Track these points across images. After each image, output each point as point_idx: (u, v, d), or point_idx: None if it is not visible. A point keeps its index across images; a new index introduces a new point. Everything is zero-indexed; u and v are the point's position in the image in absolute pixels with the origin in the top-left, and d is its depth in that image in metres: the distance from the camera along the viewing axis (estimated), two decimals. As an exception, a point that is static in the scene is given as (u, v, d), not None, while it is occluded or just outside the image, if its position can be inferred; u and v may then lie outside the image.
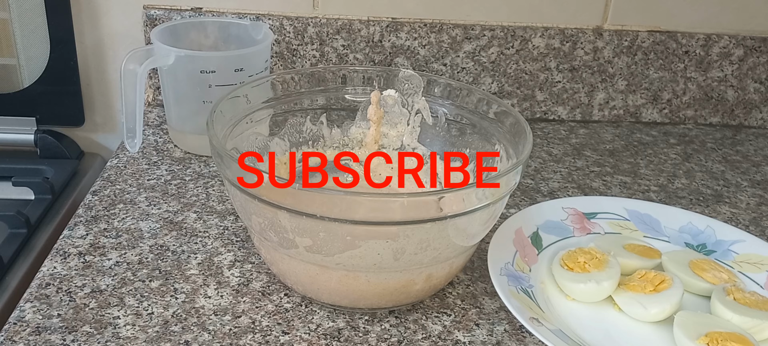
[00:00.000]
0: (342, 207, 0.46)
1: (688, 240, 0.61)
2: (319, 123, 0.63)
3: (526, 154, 0.51)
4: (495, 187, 0.48)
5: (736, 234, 0.61)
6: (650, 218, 0.63)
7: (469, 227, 0.50)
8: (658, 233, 0.62)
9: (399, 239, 0.47)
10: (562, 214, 0.63)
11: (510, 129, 0.57)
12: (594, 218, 0.63)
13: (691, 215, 0.63)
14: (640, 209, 0.64)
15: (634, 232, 0.62)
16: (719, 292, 0.53)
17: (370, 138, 0.63)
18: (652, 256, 0.58)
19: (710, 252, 0.60)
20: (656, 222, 0.63)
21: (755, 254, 0.59)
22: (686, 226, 0.62)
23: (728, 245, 0.60)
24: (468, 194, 0.47)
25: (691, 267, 0.57)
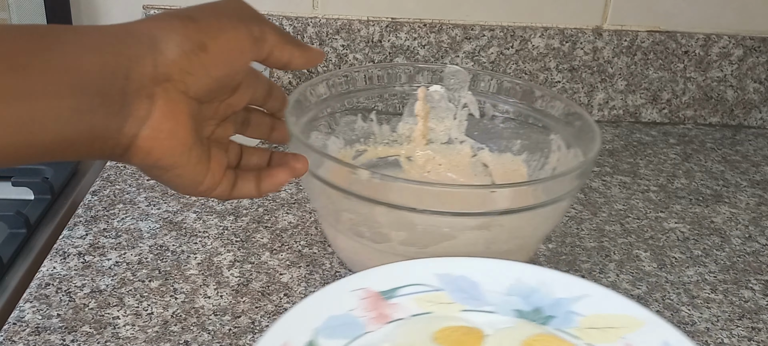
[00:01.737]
0: (432, 200, 0.46)
1: (518, 306, 0.46)
2: (370, 120, 0.64)
3: (597, 148, 0.52)
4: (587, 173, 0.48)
5: (578, 287, 0.46)
6: (467, 281, 0.47)
7: (554, 216, 0.51)
8: (479, 303, 0.46)
9: (493, 228, 0.48)
10: (350, 301, 0.44)
11: (564, 119, 0.59)
12: (394, 296, 0.46)
13: (519, 268, 0.47)
14: (454, 270, 0.47)
15: (450, 305, 0.46)
16: None
17: (418, 133, 0.64)
18: (471, 344, 0.44)
19: (548, 319, 0.45)
20: (475, 286, 0.47)
21: (604, 314, 0.44)
22: (514, 286, 0.46)
23: (569, 304, 0.45)
24: (561, 182, 0.48)
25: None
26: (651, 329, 0.41)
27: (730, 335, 0.55)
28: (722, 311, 0.57)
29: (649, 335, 0.40)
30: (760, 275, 0.62)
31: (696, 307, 0.57)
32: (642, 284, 0.60)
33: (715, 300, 0.58)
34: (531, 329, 0.44)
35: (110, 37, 0.35)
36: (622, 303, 0.43)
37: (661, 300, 0.58)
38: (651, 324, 0.41)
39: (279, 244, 0.61)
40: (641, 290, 0.59)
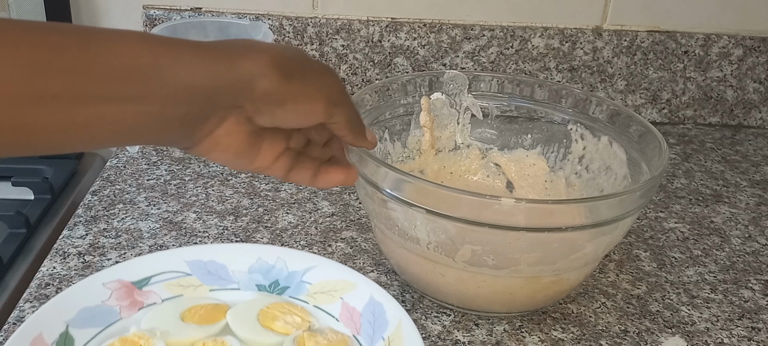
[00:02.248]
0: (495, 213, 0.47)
1: (259, 281, 0.52)
2: (384, 140, 0.62)
3: (665, 160, 0.52)
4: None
5: (308, 260, 0.53)
6: (215, 264, 0.53)
7: (618, 233, 0.51)
8: (226, 282, 0.52)
9: (553, 244, 0.49)
10: (103, 293, 0.49)
11: (609, 119, 0.60)
12: (146, 285, 0.50)
13: (260, 249, 0.53)
14: (203, 256, 0.53)
15: (199, 288, 0.52)
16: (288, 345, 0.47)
17: (427, 144, 0.63)
18: (216, 319, 0.49)
19: (284, 289, 0.52)
20: (222, 268, 0.53)
21: (328, 281, 0.52)
22: (256, 264, 0.53)
23: (301, 275, 0.52)
24: (623, 199, 0.48)
25: (261, 319, 0.49)
26: (362, 289, 0.49)
27: (730, 335, 0.55)
28: (722, 310, 0.57)
29: (361, 292, 0.49)
30: (759, 275, 0.62)
31: (696, 307, 0.57)
32: (642, 283, 0.60)
33: (714, 300, 0.58)
34: (268, 299, 0.51)
35: (221, 61, 0.38)
36: (341, 270, 0.51)
37: (661, 300, 0.58)
38: (362, 285, 0.50)
39: (279, 244, 0.61)
40: (641, 290, 0.59)
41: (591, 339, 0.53)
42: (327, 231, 0.63)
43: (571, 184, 0.63)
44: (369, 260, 0.60)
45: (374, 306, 0.49)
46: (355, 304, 0.50)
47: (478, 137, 0.66)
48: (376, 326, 0.48)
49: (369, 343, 0.48)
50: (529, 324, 0.54)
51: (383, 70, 0.85)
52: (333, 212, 0.66)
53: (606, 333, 0.54)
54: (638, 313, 0.56)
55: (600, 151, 0.61)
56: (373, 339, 0.48)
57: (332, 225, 0.64)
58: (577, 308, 0.56)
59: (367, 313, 0.49)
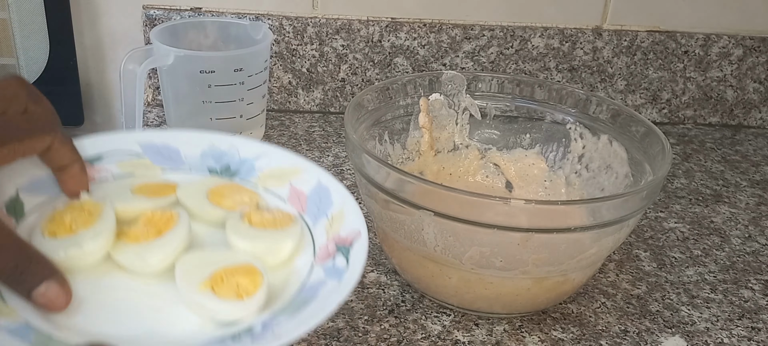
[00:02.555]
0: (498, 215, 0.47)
1: (211, 165, 0.54)
2: (384, 141, 0.62)
3: (667, 164, 0.52)
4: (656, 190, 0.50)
5: (260, 149, 0.54)
6: (168, 148, 0.54)
7: (623, 233, 0.51)
8: (177, 164, 0.54)
9: (560, 244, 0.49)
10: None
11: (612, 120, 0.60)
12: (99, 161, 0.52)
13: (213, 136, 0.55)
14: (156, 140, 0.54)
15: (151, 169, 0.53)
16: (234, 219, 0.48)
17: (426, 145, 0.63)
18: (166, 193, 0.50)
19: (234, 173, 0.54)
20: (175, 152, 0.54)
21: (278, 167, 0.53)
22: (208, 150, 0.54)
23: (252, 161, 0.54)
24: (628, 199, 0.48)
25: (210, 196, 0.50)
26: (310, 174, 0.51)
27: (730, 335, 0.55)
28: (722, 310, 0.57)
29: (308, 177, 0.51)
30: (759, 275, 0.62)
31: (696, 307, 0.57)
32: (642, 283, 0.60)
33: (714, 300, 0.58)
34: (218, 180, 0.53)
35: None
36: (291, 158, 0.53)
37: (660, 300, 0.58)
38: (310, 170, 0.51)
39: (279, 244, 0.61)
40: (641, 290, 0.59)
41: (591, 339, 0.53)
42: (327, 231, 0.63)
43: (571, 183, 0.63)
44: (369, 259, 0.60)
45: (321, 189, 0.50)
46: (303, 187, 0.51)
47: (477, 138, 0.66)
48: (321, 205, 0.50)
49: (313, 221, 0.49)
50: (529, 324, 0.54)
51: (383, 70, 0.85)
52: (333, 212, 0.66)
53: (606, 333, 0.54)
54: (638, 313, 0.56)
55: (600, 150, 0.61)
56: (317, 217, 0.49)
57: (332, 225, 0.64)
58: (577, 308, 0.56)
59: (313, 195, 0.50)
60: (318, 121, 0.85)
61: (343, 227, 0.47)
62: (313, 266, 0.46)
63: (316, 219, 0.49)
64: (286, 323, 0.40)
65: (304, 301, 0.42)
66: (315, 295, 0.43)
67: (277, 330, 0.39)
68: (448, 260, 0.50)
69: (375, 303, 0.55)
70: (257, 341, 0.39)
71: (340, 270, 0.44)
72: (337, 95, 0.87)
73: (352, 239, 0.46)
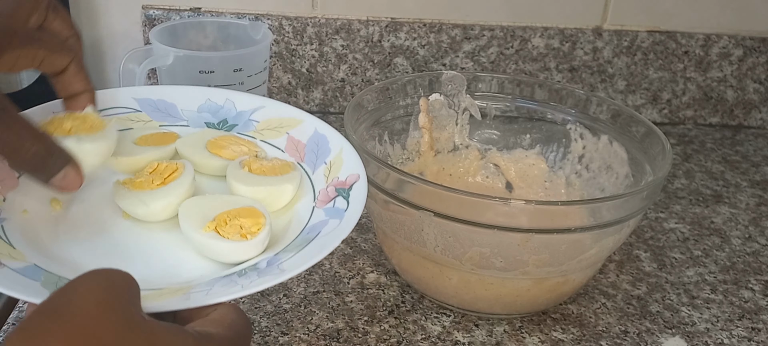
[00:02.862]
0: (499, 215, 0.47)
1: (208, 119, 0.55)
2: (384, 142, 0.62)
3: (668, 163, 0.52)
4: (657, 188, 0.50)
5: (257, 102, 0.55)
6: (165, 103, 0.55)
7: (624, 233, 0.51)
8: (175, 119, 0.55)
9: (560, 244, 0.48)
10: None
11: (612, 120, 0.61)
12: None
13: (209, 92, 0.56)
14: (153, 95, 0.55)
15: (149, 123, 0.54)
16: (234, 167, 0.49)
17: (426, 146, 0.63)
18: (168, 141, 0.52)
19: (232, 126, 0.55)
20: (172, 107, 0.55)
21: (275, 119, 0.54)
22: (205, 104, 0.55)
23: (249, 114, 0.55)
24: (628, 200, 0.48)
25: (209, 147, 0.52)
26: (307, 124, 0.52)
27: (730, 336, 0.54)
28: (722, 311, 0.57)
29: (305, 127, 0.52)
30: (759, 276, 0.62)
31: (696, 307, 0.57)
32: (642, 284, 0.60)
33: (715, 300, 0.58)
34: (216, 133, 0.54)
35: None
36: (288, 110, 0.54)
37: (661, 300, 0.58)
38: (307, 121, 0.52)
39: (278, 244, 0.61)
40: (641, 291, 0.59)
41: (591, 340, 0.53)
42: (327, 231, 0.63)
43: (571, 183, 0.63)
44: (369, 260, 0.60)
45: (318, 138, 0.51)
46: (300, 137, 0.52)
47: (477, 138, 0.66)
48: (319, 153, 0.51)
49: (312, 168, 0.50)
50: (529, 325, 0.54)
51: (383, 71, 0.85)
52: (333, 212, 0.66)
53: (606, 334, 0.54)
54: (638, 313, 0.56)
55: (600, 150, 0.61)
56: (315, 165, 0.50)
57: (332, 225, 0.64)
58: (578, 308, 0.56)
59: (311, 144, 0.51)
60: (318, 121, 0.85)
61: (341, 172, 0.48)
62: (314, 209, 0.47)
63: (314, 166, 0.50)
64: (291, 259, 0.41)
65: (306, 239, 0.43)
66: (317, 233, 0.43)
67: (282, 265, 0.40)
68: (448, 260, 0.50)
69: (375, 304, 0.55)
70: (263, 275, 0.39)
71: (341, 210, 0.45)
72: (336, 95, 0.87)
73: (352, 181, 0.47)
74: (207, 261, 0.43)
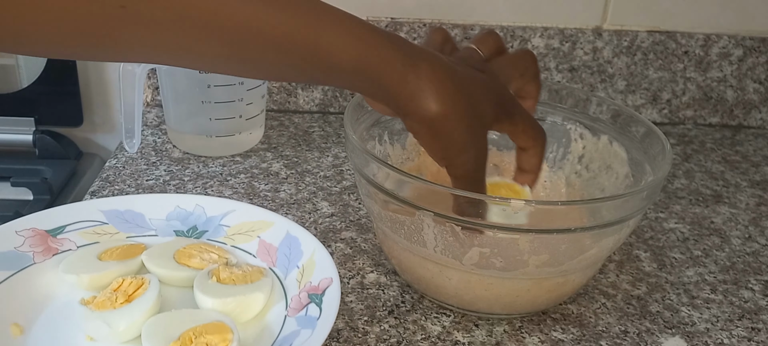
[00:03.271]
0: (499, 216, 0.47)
1: (177, 227, 0.54)
2: (384, 142, 0.62)
3: (668, 164, 0.52)
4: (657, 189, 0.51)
5: (226, 206, 0.55)
6: (132, 213, 0.54)
7: (624, 233, 0.51)
8: (143, 229, 0.54)
9: (561, 244, 0.48)
10: (15, 240, 0.50)
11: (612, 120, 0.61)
12: (61, 233, 0.52)
13: (178, 198, 0.55)
14: (120, 206, 0.54)
15: (116, 235, 0.53)
16: (202, 278, 0.48)
17: None
18: (133, 254, 0.51)
19: (202, 233, 0.54)
20: (140, 217, 0.54)
21: (246, 222, 0.53)
22: (174, 212, 0.54)
23: (219, 219, 0.54)
24: (628, 200, 0.48)
25: (177, 258, 0.51)
26: (278, 227, 0.52)
27: (730, 336, 0.54)
28: (722, 311, 0.57)
29: (277, 230, 0.52)
30: (759, 276, 0.62)
31: (696, 307, 0.57)
32: (642, 284, 0.60)
33: (714, 300, 0.58)
34: (185, 241, 0.53)
35: (395, 64, 0.41)
36: (258, 212, 0.53)
37: (660, 300, 0.58)
38: (278, 223, 0.52)
39: (278, 244, 0.61)
40: (641, 291, 0.59)
41: (591, 340, 0.53)
42: (326, 232, 0.63)
43: (571, 183, 0.63)
44: (369, 260, 0.60)
45: (290, 240, 0.51)
46: (272, 240, 0.51)
47: None
48: (291, 257, 0.50)
49: (284, 273, 0.49)
50: (529, 325, 0.54)
51: (383, 71, 0.85)
52: (332, 212, 0.66)
53: (606, 334, 0.54)
54: (638, 313, 0.56)
55: (600, 150, 0.61)
56: (287, 269, 0.49)
57: (332, 225, 0.64)
58: (577, 308, 0.56)
59: (283, 247, 0.51)
60: (317, 121, 0.85)
61: (314, 276, 0.47)
62: (285, 318, 0.46)
63: (287, 270, 0.50)
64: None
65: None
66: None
67: None
68: (448, 260, 0.50)
69: (375, 304, 0.55)
70: None
71: (313, 319, 0.44)
72: (336, 95, 0.87)
73: (324, 286, 0.46)
74: None
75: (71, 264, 0.49)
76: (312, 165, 0.74)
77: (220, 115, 0.71)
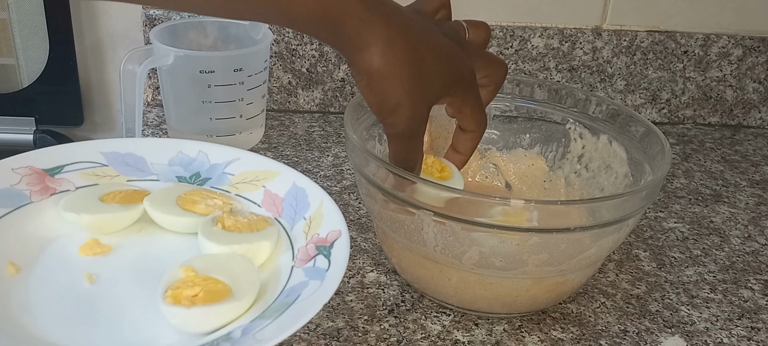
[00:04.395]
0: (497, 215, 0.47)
1: (179, 173, 0.52)
2: (384, 142, 0.62)
3: (668, 162, 0.52)
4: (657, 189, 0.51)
5: (231, 154, 0.53)
6: (133, 157, 0.52)
7: (623, 232, 0.51)
8: (144, 173, 0.52)
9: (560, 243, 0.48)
10: (12, 177, 0.48)
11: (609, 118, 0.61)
12: (59, 172, 0.50)
13: (181, 143, 0.53)
14: (121, 149, 0.52)
15: (116, 178, 0.52)
16: (207, 225, 0.47)
17: (425, 145, 0.63)
18: (135, 200, 0.49)
19: (205, 180, 0.52)
20: (141, 160, 0.52)
21: (251, 171, 0.52)
22: (176, 157, 0.53)
23: (223, 167, 0.52)
24: (627, 199, 0.48)
25: (180, 203, 0.49)
26: (285, 177, 0.50)
27: (730, 335, 0.55)
28: (721, 310, 0.57)
29: (283, 180, 0.50)
30: (759, 275, 0.62)
31: (695, 307, 0.57)
32: (641, 283, 0.60)
33: (714, 300, 0.58)
34: (188, 187, 0.51)
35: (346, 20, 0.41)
36: (264, 161, 0.52)
37: (660, 300, 0.58)
38: (285, 173, 0.50)
39: (279, 244, 0.61)
40: (641, 290, 0.59)
41: (590, 339, 0.53)
42: (327, 231, 0.63)
43: (571, 183, 0.63)
44: (369, 260, 0.60)
45: (297, 191, 0.49)
46: (278, 191, 0.50)
47: None
48: (298, 208, 0.49)
49: (291, 224, 0.48)
50: (529, 324, 0.54)
51: (383, 70, 0.85)
52: (333, 211, 0.66)
53: (605, 333, 0.54)
54: (638, 313, 0.56)
55: (599, 150, 0.61)
56: (294, 220, 0.48)
57: (332, 225, 0.64)
58: (577, 308, 0.56)
59: (289, 198, 0.49)
60: (318, 121, 0.85)
61: (322, 228, 0.46)
62: (293, 268, 0.45)
63: (293, 222, 0.48)
64: (267, 327, 0.38)
65: (285, 304, 0.41)
66: (296, 297, 0.41)
67: (258, 335, 0.38)
68: (447, 260, 0.50)
69: (375, 303, 0.55)
70: None
71: (322, 270, 0.43)
72: (336, 95, 0.87)
73: (333, 238, 0.45)
74: (177, 331, 0.40)
75: (72, 203, 0.48)
76: (312, 165, 0.74)
77: (220, 115, 0.71)
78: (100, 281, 0.44)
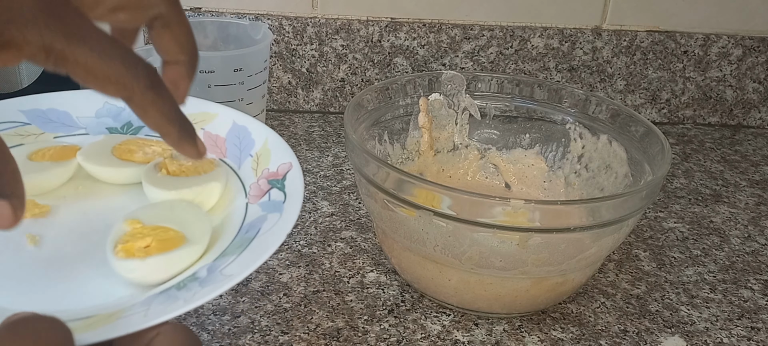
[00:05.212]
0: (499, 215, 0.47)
1: (109, 124, 0.50)
2: (384, 142, 0.62)
3: (666, 164, 0.52)
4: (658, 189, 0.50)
5: None
6: (56, 112, 0.49)
7: (623, 232, 0.51)
8: (71, 128, 0.49)
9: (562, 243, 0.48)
10: None
11: (611, 119, 0.61)
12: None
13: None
14: (41, 105, 0.50)
15: (42, 136, 0.49)
16: (150, 172, 0.44)
17: (425, 145, 0.63)
18: (67, 156, 0.47)
19: (138, 129, 0.50)
20: (65, 115, 0.50)
21: (187, 115, 0.47)
22: (103, 108, 0.50)
23: None
24: (627, 199, 0.48)
25: (116, 154, 0.47)
26: (223, 117, 0.49)
27: (730, 335, 0.55)
28: (721, 310, 0.57)
29: (222, 121, 0.49)
30: (759, 275, 0.62)
31: (695, 307, 0.57)
32: (641, 283, 0.60)
33: (714, 300, 0.58)
34: (121, 137, 0.49)
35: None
36: (199, 103, 0.49)
37: (660, 300, 0.58)
38: (223, 113, 0.49)
39: (278, 244, 0.61)
40: (641, 290, 0.59)
41: (590, 339, 0.53)
42: (326, 231, 0.63)
43: (571, 183, 0.63)
44: (369, 259, 0.60)
45: (238, 130, 0.48)
46: (218, 131, 0.49)
47: (477, 138, 0.66)
48: (243, 147, 0.47)
49: (237, 163, 0.47)
50: (529, 324, 0.54)
51: (383, 70, 0.85)
52: (332, 211, 0.66)
53: (605, 333, 0.54)
54: (638, 313, 0.56)
55: (599, 150, 0.61)
56: (240, 159, 0.47)
57: (332, 225, 0.64)
58: (577, 307, 0.56)
59: (231, 137, 0.48)
60: (318, 121, 0.85)
61: (271, 163, 0.45)
62: (247, 205, 0.43)
63: (239, 161, 0.47)
64: (233, 262, 0.37)
65: (246, 239, 0.39)
66: (257, 231, 0.40)
67: (225, 271, 0.36)
68: (447, 260, 0.50)
69: (375, 303, 0.55)
70: (206, 285, 0.35)
71: (278, 203, 0.42)
72: (336, 95, 0.87)
73: (284, 171, 0.44)
74: (134, 284, 0.38)
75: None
76: (312, 165, 0.74)
77: (220, 115, 0.71)
78: (45, 242, 0.42)
